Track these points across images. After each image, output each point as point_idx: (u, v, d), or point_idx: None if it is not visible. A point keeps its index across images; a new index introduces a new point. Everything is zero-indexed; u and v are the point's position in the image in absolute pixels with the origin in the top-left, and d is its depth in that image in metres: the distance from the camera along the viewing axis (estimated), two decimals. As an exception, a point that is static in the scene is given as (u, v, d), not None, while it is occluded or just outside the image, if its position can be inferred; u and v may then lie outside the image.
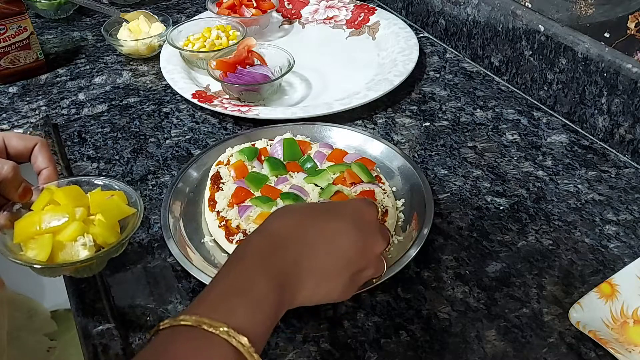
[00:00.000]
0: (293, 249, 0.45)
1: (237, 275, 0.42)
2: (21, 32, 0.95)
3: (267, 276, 0.43)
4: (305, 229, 0.47)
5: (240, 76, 0.90)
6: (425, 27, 1.11)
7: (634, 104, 0.74)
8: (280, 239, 0.46)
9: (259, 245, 0.45)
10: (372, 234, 0.50)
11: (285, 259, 0.45)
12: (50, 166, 0.60)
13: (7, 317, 1.08)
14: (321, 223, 0.48)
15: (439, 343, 0.56)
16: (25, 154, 0.59)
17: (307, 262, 0.45)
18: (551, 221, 0.69)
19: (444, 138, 0.83)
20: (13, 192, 0.57)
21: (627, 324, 0.57)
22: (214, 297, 0.41)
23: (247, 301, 0.41)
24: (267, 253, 0.44)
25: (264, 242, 0.45)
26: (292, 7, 1.18)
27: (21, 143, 0.59)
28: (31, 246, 0.55)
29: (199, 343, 0.38)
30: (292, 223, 0.47)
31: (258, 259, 0.44)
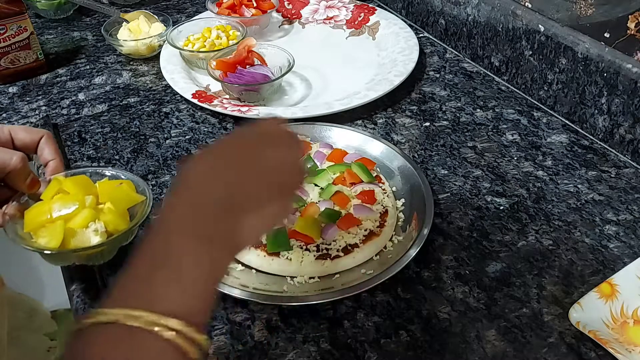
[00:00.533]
0: (215, 203, 0.40)
1: (158, 249, 0.37)
2: (21, 32, 0.94)
3: (193, 242, 0.37)
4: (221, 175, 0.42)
5: (240, 76, 0.90)
6: (425, 27, 1.11)
7: (634, 104, 0.74)
8: (200, 197, 0.40)
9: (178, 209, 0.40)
10: (284, 146, 0.46)
11: (211, 217, 0.39)
12: (57, 158, 0.61)
13: (7, 317, 1.08)
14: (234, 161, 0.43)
15: (439, 343, 0.56)
16: (31, 146, 0.60)
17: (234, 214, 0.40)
18: (551, 221, 0.69)
19: (444, 138, 0.83)
20: (22, 182, 0.57)
21: (627, 324, 0.57)
22: (135, 279, 0.36)
23: (173, 279, 0.35)
24: (187, 216, 0.39)
25: (182, 204, 0.40)
26: (292, 7, 1.18)
27: (28, 136, 0.60)
28: (42, 234, 0.55)
29: (120, 342, 0.33)
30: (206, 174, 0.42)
31: (178, 225, 0.38)
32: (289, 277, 0.61)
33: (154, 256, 0.37)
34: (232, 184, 0.42)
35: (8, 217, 0.57)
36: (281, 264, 0.61)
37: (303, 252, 0.62)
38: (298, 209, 0.66)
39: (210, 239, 0.38)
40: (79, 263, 0.60)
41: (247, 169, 0.43)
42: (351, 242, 0.63)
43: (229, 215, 0.40)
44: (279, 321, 0.58)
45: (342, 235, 0.63)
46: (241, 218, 0.41)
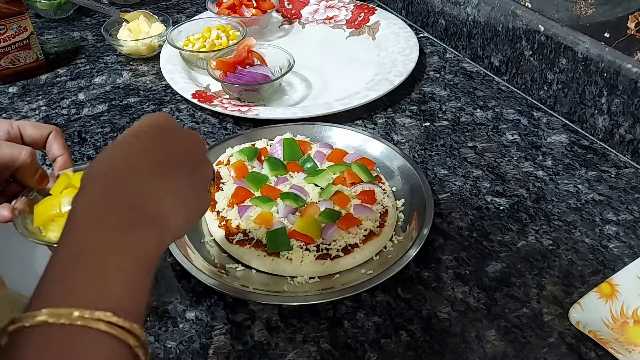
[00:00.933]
0: (127, 188, 0.39)
1: (75, 244, 0.36)
2: (21, 32, 0.95)
3: (110, 231, 0.36)
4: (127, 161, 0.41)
5: (240, 76, 0.90)
6: (425, 27, 1.11)
7: (634, 104, 0.74)
8: (109, 184, 0.39)
9: (89, 200, 0.38)
10: (180, 131, 0.46)
11: (125, 203, 0.38)
12: (65, 153, 0.61)
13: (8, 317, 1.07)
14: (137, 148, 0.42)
15: (439, 343, 0.56)
16: (40, 141, 0.60)
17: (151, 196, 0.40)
18: (551, 221, 0.69)
19: (444, 138, 0.83)
20: (30, 177, 0.58)
21: (627, 324, 0.57)
22: (53, 277, 0.34)
23: (93, 270, 0.34)
24: (99, 204, 0.38)
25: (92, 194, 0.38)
26: (292, 7, 1.18)
27: (36, 131, 0.60)
28: (52, 228, 0.56)
29: (52, 343, 0.31)
30: (111, 162, 0.41)
31: (92, 215, 0.37)
32: (289, 277, 0.61)
33: (70, 252, 0.35)
34: (142, 165, 0.41)
35: (17, 211, 0.57)
36: (281, 264, 0.61)
37: (303, 252, 0.62)
38: (298, 209, 0.66)
39: (128, 225, 0.37)
40: None
41: (155, 151, 0.43)
42: (351, 242, 0.63)
43: (145, 198, 0.39)
44: (279, 321, 0.58)
45: (342, 235, 0.63)
46: (162, 198, 0.40)
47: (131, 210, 0.38)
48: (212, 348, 0.56)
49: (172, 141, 0.45)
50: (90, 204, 0.38)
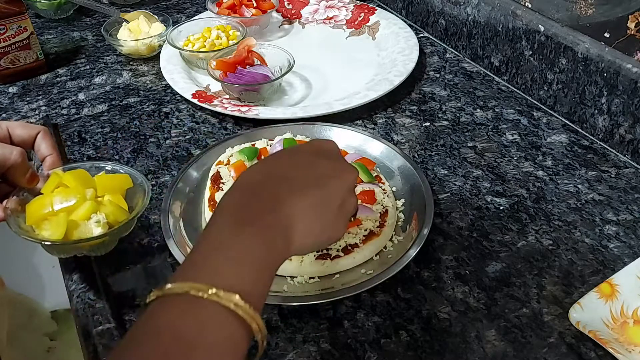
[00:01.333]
0: (267, 195, 0.43)
1: (217, 234, 0.41)
2: (21, 32, 0.95)
3: (247, 228, 0.41)
4: (275, 172, 0.46)
5: (240, 76, 0.90)
6: (425, 27, 1.11)
7: (634, 104, 0.74)
8: (252, 189, 0.44)
9: (233, 200, 0.43)
10: (340, 161, 0.50)
11: (263, 207, 0.43)
12: (54, 153, 0.62)
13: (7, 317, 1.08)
14: (289, 163, 0.47)
15: (439, 343, 0.56)
16: (28, 142, 0.61)
17: (286, 205, 0.43)
18: (551, 221, 0.69)
19: (444, 138, 0.83)
20: (21, 177, 0.58)
21: (627, 324, 0.57)
22: (196, 260, 0.39)
23: (230, 258, 0.39)
24: (241, 205, 0.42)
25: (237, 196, 0.44)
26: (292, 7, 1.18)
27: (25, 131, 0.60)
28: (45, 227, 0.57)
29: (189, 310, 0.36)
30: (261, 172, 0.46)
31: (233, 213, 0.42)
32: (289, 277, 0.61)
33: (212, 241, 0.40)
34: (287, 179, 0.45)
35: (9, 211, 0.57)
36: (281, 264, 0.61)
37: (303, 252, 0.62)
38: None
39: (265, 225, 0.41)
40: (80, 255, 0.61)
41: (300, 169, 0.47)
42: (351, 242, 0.63)
43: (279, 207, 0.43)
44: (279, 321, 0.58)
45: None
46: (290, 223, 0.43)
47: (265, 213, 0.42)
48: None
49: (326, 166, 0.48)
50: (232, 203, 0.43)
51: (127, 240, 0.67)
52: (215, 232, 0.41)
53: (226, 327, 0.36)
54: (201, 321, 0.35)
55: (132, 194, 0.63)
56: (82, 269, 0.63)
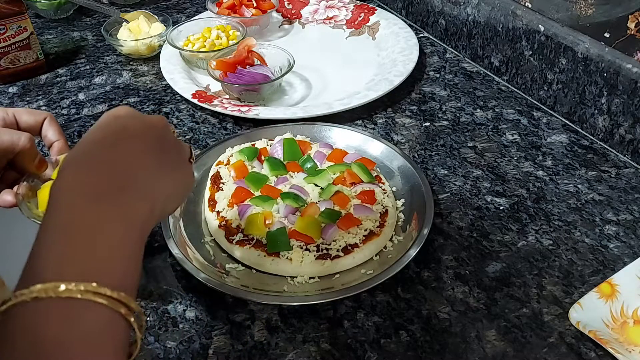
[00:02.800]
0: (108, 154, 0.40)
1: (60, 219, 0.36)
2: (21, 32, 0.95)
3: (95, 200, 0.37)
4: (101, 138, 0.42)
5: (240, 76, 0.90)
6: (425, 27, 1.11)
7: (634, 104, 0.74)
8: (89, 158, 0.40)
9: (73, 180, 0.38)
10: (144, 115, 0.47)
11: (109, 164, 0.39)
12: (62, 139, 0.61)
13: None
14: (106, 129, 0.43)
15: (439, 343, 0.56)
16: (35, 128, 0.61)
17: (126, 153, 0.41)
18: (551, 221, 0.69)
19: (444, 138, 0.83)
20: (30, 162, 0.58)
21: (627, 324, 0.57)
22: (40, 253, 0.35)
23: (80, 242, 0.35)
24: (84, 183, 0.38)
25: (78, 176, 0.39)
26: (292, 7, 1.18)
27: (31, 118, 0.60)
28: None
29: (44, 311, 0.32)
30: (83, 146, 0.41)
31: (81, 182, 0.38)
32: (289, 277, 0.61)
33: (57, 225, 0.36)
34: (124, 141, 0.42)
35: (21, 196, 0.57)
36: (281, 264, 0.61)
37: (303, 252, 0.62)
38: (298, 209, 0.66)
39: (117, 192, 0.38)
40: None
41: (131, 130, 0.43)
42: (351, 242, 0.63)
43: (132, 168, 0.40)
44: (279, 321, 0.58)
45: (342, 235, 0.63)
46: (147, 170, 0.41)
47: (119, 178, 0.39)
48: (212, 348, 0.56)
49: (138, 120, 0.45)
50: (75, 178, 0.38)
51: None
52: (59, 213, 0.36)
53: (95, 322, 0.33)
54: (64, 325, 0.32)
55: None
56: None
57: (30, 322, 0.32)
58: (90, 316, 0.33)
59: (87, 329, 0.32)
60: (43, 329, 0.32)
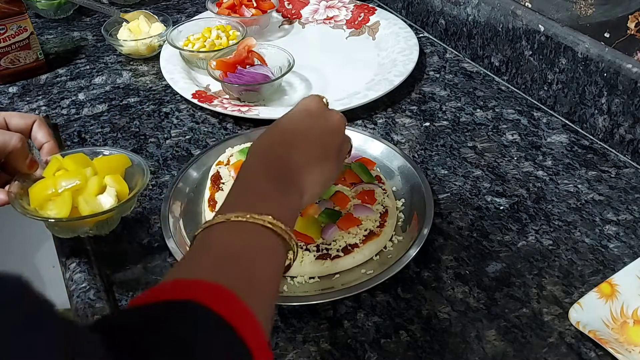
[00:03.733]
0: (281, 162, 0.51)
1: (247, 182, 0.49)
2: (21, 32, 0.94)
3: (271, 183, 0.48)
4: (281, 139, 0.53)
5: (240, 76, 0.90)
6: (425, 27, 1.11)
7: (634, 104, 0.74)
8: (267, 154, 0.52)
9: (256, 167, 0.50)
10: (329, 116, 0.57)
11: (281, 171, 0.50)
12: (51, 140, 0.64)
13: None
14: (288, 129, 0.54)
15: (439, 343, 0.56)
16: (25, 130, 0.63)
17: (296, 163, 0.51)
18: (551, 221, 0.69)
19: (444, 138, 0.83)
20: (22, 162, 0.60)
21: (627, 324, 0.57)
22: (233, 198, 0.47)
23: (262, 197, 0.47)
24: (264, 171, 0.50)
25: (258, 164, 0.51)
26: (292, 7, 1.18)
27: (21, 121, 0.62)
28: (50, 207, 0.59)
29: (232, 231, 0.43)
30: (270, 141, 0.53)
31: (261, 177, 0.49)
32: (289, 277, 0.61)
33: (245, 185, 0.48)
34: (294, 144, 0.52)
35: (13, 194, 0.59)
36: (281, 264, 0.61)
37: (303, 252, 0.62)
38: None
39: (282, 185, 0.49)
40: (84, 235, 0.63)
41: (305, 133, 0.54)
42: (351, 242, 0.63)
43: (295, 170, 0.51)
44: (279, 321, 0.58)
45: (342, 235, 0.63)
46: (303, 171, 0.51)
47: (289, 175, 0.50)
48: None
49: (320, 124, 0.55)
50: (259, 163, 0.50)
51: (127, 240, 0.67)
52: (248, 179, 0.49)
53: (263, 241, 0.43)
54: (243, 238, 0.43)
55: (131, 175, 0.65)
56: (83, 268, 0.63)
57: (223, 236, 0.43)
58: (266, 238, 0.43)
59: (263, 245, 0.44)
60: (231, 241, 0.43)
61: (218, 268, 0.40)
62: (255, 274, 0.41)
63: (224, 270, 0.40)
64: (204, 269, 0.40)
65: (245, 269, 0.41)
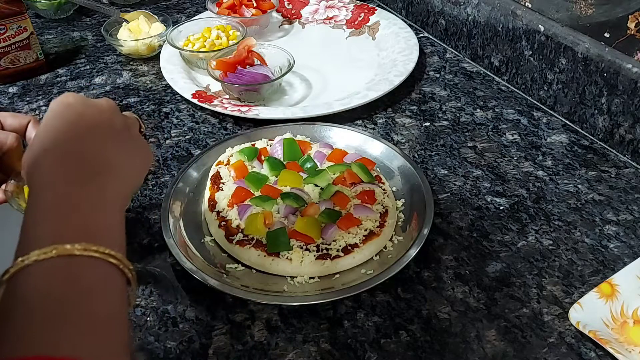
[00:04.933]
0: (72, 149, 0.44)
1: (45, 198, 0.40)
2: (21, 32, 0.94)
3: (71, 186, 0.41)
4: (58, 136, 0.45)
5: (240, 76, 0.90)
6: (425, 27, 1.11)
7: (634, 104, 0.74)
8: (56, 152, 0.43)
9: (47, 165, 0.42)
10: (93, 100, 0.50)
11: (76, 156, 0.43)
12: None
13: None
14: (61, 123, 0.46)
15: (439, 343, 0.56)
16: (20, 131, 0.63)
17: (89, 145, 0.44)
18: (551, 221, 0.69)
19: (444, 138, 0.83)
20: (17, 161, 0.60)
21: (627, 324, 0.57)
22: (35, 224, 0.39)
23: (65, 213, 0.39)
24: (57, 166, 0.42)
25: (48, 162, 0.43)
26: (292, 7, 1.18)
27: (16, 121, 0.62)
28: None
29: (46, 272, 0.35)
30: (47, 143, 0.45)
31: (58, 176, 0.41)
32: (289, 277, 0.61)
33: (42, 204, 0.39)
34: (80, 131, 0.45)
35: (10, 193, 0.59)
36: (281, 264, 0.61)
37: (303, 252, 0.62)
38: (298, 209, 0.66)
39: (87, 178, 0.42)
40: None
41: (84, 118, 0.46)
42: (351, 242, 0.63)
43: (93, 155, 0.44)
44: (279, 321, 0.58)
45: (342, 235, 0.63)
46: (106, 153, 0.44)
47: (92, 165, 0.43)
48: (212, 348, 0.56)
49: (91, 108, 0.48)
50: (52, 167, 0.42)
51: (127, 240, 0.67)
52: (42, 196, 0.40)
53: (90, 274, 0.36)
54: (63, 277, 0.35)
55: None
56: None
57: (35, 283, 0.35)
58: (91, 271, 0.36)
59: (89, 283, 0.36)
60: (48, 288, 0.34)
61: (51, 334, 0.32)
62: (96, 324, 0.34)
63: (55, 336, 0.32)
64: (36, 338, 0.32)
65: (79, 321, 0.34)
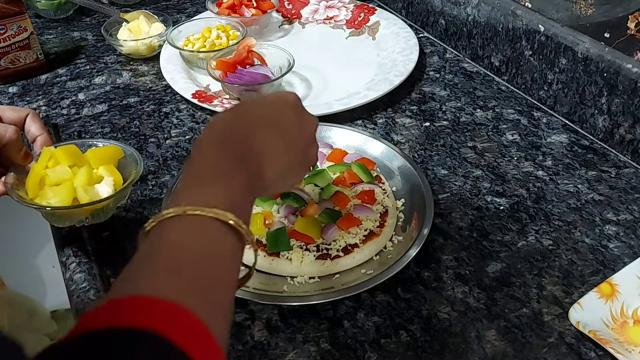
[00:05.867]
0: (243, 138, 0.47)
1: (201, 169, 0.44)
2: (21, 32, 0.94)
3: (230, 163, 0.44)
4: (246, 119, 0.49)
5: (240, 76, 0.90)
6: (425, 27, 1.11)
7: (634, 104, 0.74)
8: (229, 133, 0.47)
9: (212, 141, 0.46)
10: (303, 112, 0.53)
11: (241, 147, 0.46)
12: (44, 133, 0.64)
13: (7, 317, 1.08)
14: (257, 112, 0.50)
15: (439, 343, 0.56)
16: (18, 124, 0.63)
17: (259, 145, 0.47)
18: (551, 221, 0.69)
19: (444, 138, 0.83)
20: (17, 154, 0.61)
21: (627, 324, 0.57)
22: (188, 189, 0.42)
23: (218, 186, 0.42)
24: (222, 145, 0.46)
25: (215, 137, 0.47)
26: (292, 7, 1.18)
27: (14, 114, 0.63)
28: (47, 196, 0.60)
29: (191, 227, 0.39)
30: (233, 118, 0.49)
31: (216, 151, 0.45)
32: (289, 277, 0.61)
33: (199, 173, 0.43)
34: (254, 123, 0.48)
35: (10, 185, 0.60)
36: (281, 264, 0.61)
37: (303, 252, 0.62)
38: (298, 209, 0.66)
39: (245, 169, 0.44)
40: (79, 224, 0.65)
41: (268, 115, 0.50)
42: (351, 242, 0.63)
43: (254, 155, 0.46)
44: (279, 321, 0.58)
45: (342, 235, 0.63)
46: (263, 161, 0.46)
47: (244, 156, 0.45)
48: (212, 348, 0.56)
49: (291, 115, 0.51)
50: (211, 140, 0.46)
51: (127, 240, 0.67)
52: (199, 166, 0.44)
53: (227, 240, 0.40)
54: (204, 236, 0.39)
55: (124, 166, 0.66)
56: (83, 269, 0.63)
57: (180, 236, 0.38)
58: (227, 238, 0.39)
59: (224, 248, 0.39)
60: (189, 243, 0.38)
61: (174, 279, 0.35)
62: (216, 285, 0.38)
63: (182, 283, 0.35)
64: (159, 280, 0.35)
65: (205, 279, 0.37)
